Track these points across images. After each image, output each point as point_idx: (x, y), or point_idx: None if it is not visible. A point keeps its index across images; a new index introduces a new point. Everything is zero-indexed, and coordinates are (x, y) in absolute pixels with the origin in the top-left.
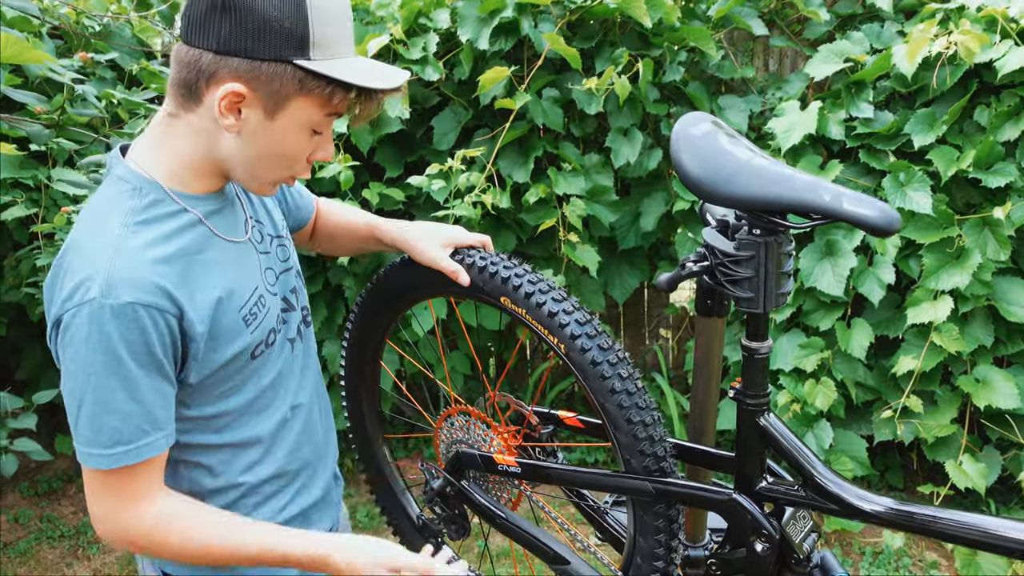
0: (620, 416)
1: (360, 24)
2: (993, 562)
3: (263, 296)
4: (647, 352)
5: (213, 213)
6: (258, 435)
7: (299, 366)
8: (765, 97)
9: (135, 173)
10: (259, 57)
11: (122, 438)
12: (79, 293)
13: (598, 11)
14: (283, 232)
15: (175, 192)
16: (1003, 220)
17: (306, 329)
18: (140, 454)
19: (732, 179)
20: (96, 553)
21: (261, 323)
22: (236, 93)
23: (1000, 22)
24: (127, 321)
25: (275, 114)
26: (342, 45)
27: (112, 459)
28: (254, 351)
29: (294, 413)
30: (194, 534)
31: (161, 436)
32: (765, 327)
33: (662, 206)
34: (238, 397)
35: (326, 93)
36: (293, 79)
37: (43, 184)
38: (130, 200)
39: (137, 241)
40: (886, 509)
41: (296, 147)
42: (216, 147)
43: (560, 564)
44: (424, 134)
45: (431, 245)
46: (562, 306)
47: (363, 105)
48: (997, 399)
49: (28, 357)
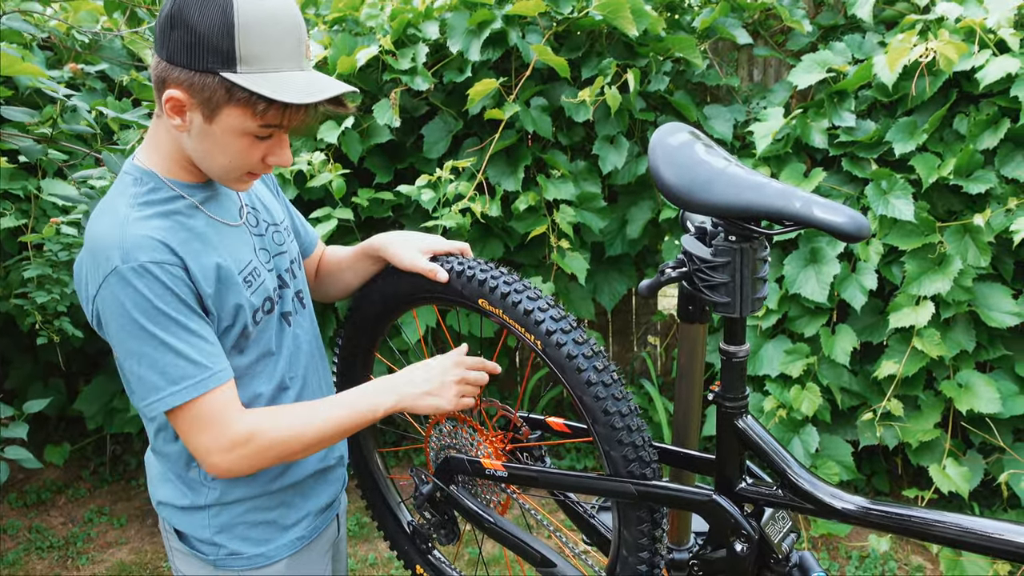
0: (597, 408)
1: (349, 35)
2: (977, 564)
3: (257, 268)
4: (635, 359)
5: (207, 200)
6: (267, 392)
7: (295, 340)
8: (750, 107)
9: (136, 166)
10: (194, 68)
11: (187, 373)
12: (103, 267)
13: (584, 23)
14: (280, 222)
15: (171, 181)
16: (983, 227)
17: (302, 309)
18: (206, 384)
19: (707, 187)
20: (85, 564)
21: (258, 289)
22: (176, 99)
23: (978, 33)
24: (149, 277)
25: (212, 119)
26: (277, 59)
27: (184, 392)
28: (254, 315)
29: (291, 383)
30: (290, 423)
31: (221, 367)
32: (743, 331)
33: (648, 214)
34: (241, 358)
35: (251, 103)
36: (221, 89)
37: (33, 195)
38: (133, 187)
39: (142, 214)
40: (858, 507)
41: (238, 150)
42: (181, 144)
43: (547, 567)
44: (414, 143)
45: (409, 250)
46: (537, 304)
47: (296, 118)
48: (979, 403)
49: (18, 366)
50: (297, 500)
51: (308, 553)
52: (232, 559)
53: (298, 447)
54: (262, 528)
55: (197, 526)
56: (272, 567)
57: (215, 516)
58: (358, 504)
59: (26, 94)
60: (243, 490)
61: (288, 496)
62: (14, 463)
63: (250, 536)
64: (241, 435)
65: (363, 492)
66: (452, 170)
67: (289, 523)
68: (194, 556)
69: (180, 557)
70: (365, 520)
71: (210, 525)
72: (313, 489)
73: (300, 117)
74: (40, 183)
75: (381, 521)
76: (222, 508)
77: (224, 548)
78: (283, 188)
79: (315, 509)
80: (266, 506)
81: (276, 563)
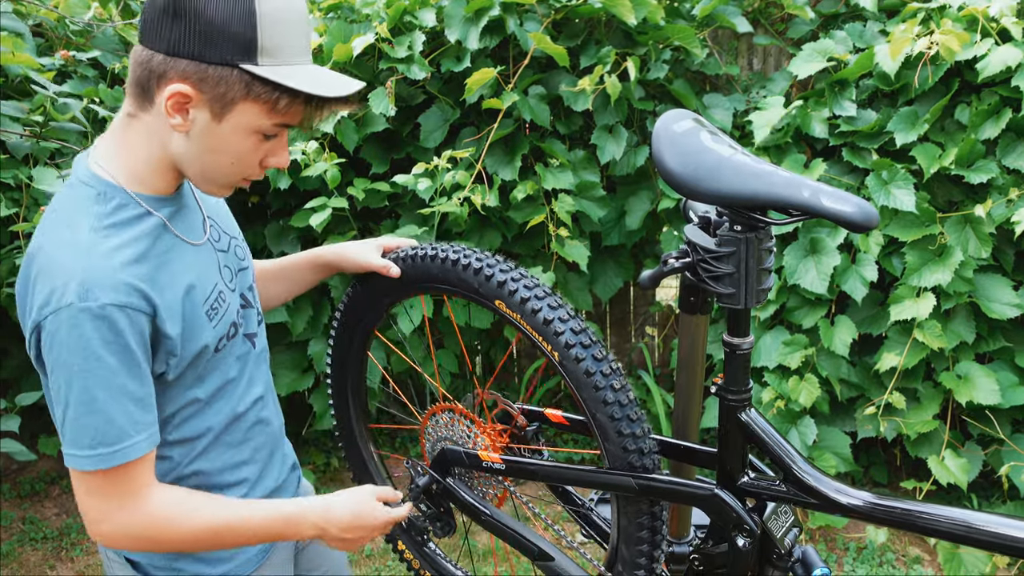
0: (595, 398)
1: (345, 23)
2: (975, 556)
3: (222, 292)
4: (633, 350)
5: (174, 215)
6: (218, 425)
7: (256, 361)
8: (749, 96)
9: (98, 177)
10: (207, 60)
11: (105, 439)
12: (55, 298)
13: (583, 10)
14: (238, 235)
15: (137, 195)
16: (984, 218)
17: (259, 327)
18: (125, 455)
19: (713, 175)
20: (80, 555)
21: (223, 317)
22: (183, 94)
23: (981, 21)
24: (105, 323)
25: (222, 117)
26: (293, 52)
27: (96, 460)
28: (217, 345)
29: (252, 405)
30: (205, 523)
31: (143, 438)
32: (747, 323)
33: (647, 204)
34: (201, 389)
35: (273, 98)
36: (240, 83)
37: (24, 183)
38: (95, 205)
39: (108, 245)
40: (864, 503)
41: (244, 150)
42: (169, 146)
43: (545, 561)
44: (410, 132)
45: (363, 251)
46: (534, 292)
47: (313, 114)
48: (979, 395)
49: (12, 357)
50: None
51: (272, 561)
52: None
53: (204, 547)
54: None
55: (152, 554)
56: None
57: None
58: None
59: (16, 81)
60: None
61: None
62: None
63: (211, 556)
64: (142, 519)
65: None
66: (450, 160)
67: None
68: None
69: None
70: None
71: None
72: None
73: (316, 114)
74: (31, 172)
75: None
76: None
77: (183, 572)
78: (277, 178)
79: None
80: None
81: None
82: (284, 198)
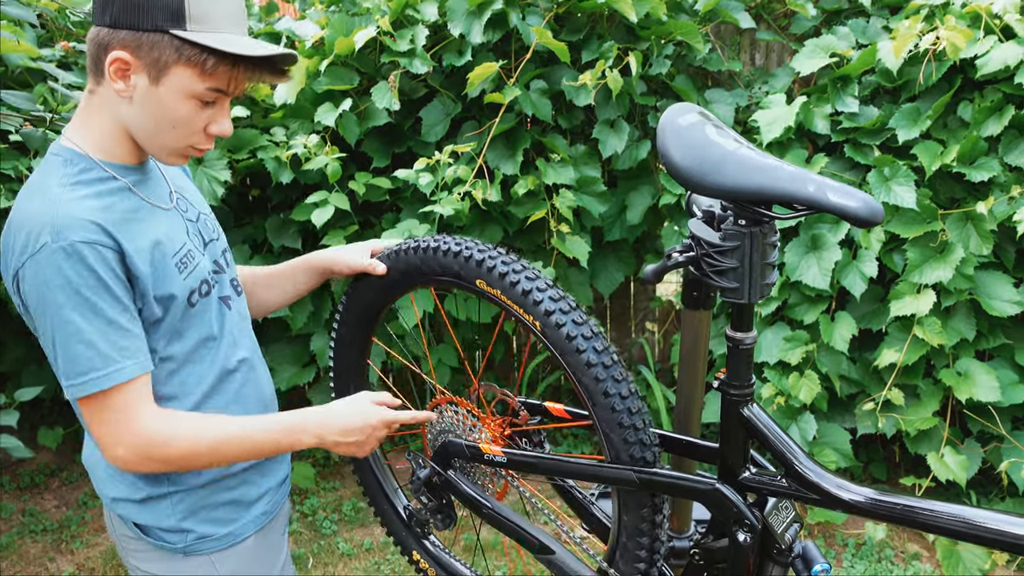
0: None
1: (346, 16)
2: (973, 552)
3: (191, 251)
4: (633, 345)
5: (139, 183)
6: (209, 378)
7: (235, 325)
8: (752, 91)
9: (65, 147)
10: (142, 28)
11: (93, 364)
12: (31, 243)
13: (585, 5)
14: (209, 213)
15: (103, 162)
16: (985, 215)
17: (238, 296)
18: (114, 378)
19: (718, 169)
20: (79, 547)
21: (192, 272)
22: (123, 60)
23: (984, 18)
24: (78, 258)
25: (158, 80)
26: (221, 20)
27: (89, 384)
28: (190, 298)
29: (239, 366)
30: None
31: (132, 363)
32: (750, 318)
33: (648, 199)
34: (180, 344)
35: (200, 60)
36: (171, 47)
37: (24, 175)
38: (63, 168)
39: (75, 194)
40: (866, 499)
41: (183, 115)
42: (120, 115)
43: (545, 554)
44: (412, 126)
45: (351, 253)
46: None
47: (241, 77)
48: (979, 392)
49: (10, 350)
50: (256, 478)
51: (271, 528)
52: (201, 543)
53: (208, 461)
54: (227, 508)
55: (161, 516)
56: (242, 544)
57: (179, 502)
58: (355, 490)
59: (16, 72)
60: (201, 474)
61: (248, 475)
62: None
63: (217, 517)
64: (145, 435)
65: (359, 477)
66: (451, 154)
67: (252, 499)
68: (160, 549)
69: (141, 556)
70: (361, 505)
71: (175, 512)
72: (270, 467)
73: (245, 77)
74: (31, 163)
75: (377, 506)
76: (185, 494)
77: (192, 533)
78: (279, 171)
79: (274, 484)
80: (228, 486)
81: (245, 540)
82: (285, 192)
